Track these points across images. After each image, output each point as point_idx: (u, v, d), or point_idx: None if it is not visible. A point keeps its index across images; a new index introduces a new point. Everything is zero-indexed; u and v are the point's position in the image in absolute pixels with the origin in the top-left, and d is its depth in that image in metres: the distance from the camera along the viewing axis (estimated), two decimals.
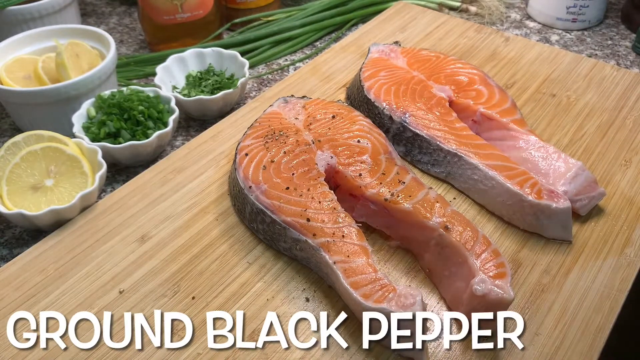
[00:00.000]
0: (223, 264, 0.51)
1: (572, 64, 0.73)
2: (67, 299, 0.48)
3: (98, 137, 0.62)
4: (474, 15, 0.88)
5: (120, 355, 0.44)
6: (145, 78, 0.79)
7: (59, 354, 0.45)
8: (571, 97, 0.68)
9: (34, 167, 0.56)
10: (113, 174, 0.64)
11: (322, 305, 0.47)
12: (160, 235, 0.54)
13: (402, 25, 0.81)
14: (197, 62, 0.74)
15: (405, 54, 0.68)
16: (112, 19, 0.93)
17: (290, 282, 0.49)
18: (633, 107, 0.66)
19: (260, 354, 0.44)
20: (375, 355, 0.44)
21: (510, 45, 0.77)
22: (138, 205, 0.57)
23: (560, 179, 0.53)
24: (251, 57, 0.79)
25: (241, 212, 0.54)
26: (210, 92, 0.70)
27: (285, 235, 0.49)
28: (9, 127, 0.72)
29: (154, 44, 0.83)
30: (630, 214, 0.54)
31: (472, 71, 0.64)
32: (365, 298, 0.43)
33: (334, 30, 0.87)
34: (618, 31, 0.85)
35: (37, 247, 0.53)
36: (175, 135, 0.69)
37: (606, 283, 0.48)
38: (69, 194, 0.56)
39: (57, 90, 0.63)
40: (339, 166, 0.53)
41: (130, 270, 0.51)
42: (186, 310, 0.47)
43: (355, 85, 0.65)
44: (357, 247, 0.46)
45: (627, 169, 0.59)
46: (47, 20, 0.79)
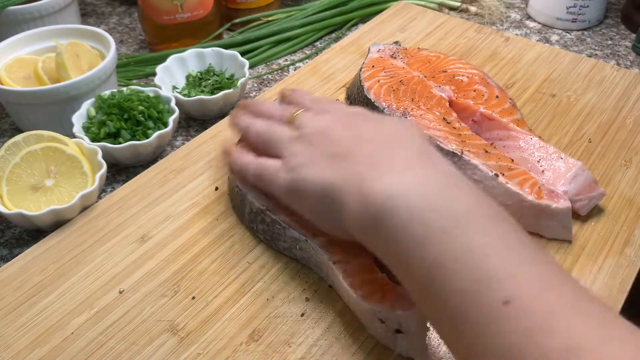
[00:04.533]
0: (223, 264, 0.51)
1: (572, 64, 0.73)
2: (67, 299, 0.48)
3: (98, 137, 0.62)
4: (474, 15, 0.88)
5: (120, 355, 0.44)
6: (145, 78, 0.79)
7: (60, 354, 0.45)
8: (571, 97, 0.68)
9: (34, 167, 0.56)
10: (113, 174, 0.64)
11: (322, 305, 0.47)
12: (160, 235, 0.54)
13: (402, 25, 0.81)
14: (197, 62, 0.74)
15: (405, 54, 0.68)
16: (112, 19, 0.93)
17: (290, 282, 0.49)
18: (633, 107, 0.66)
19: (260, 353, 0.44)
20: (376, 355, 0.44)
21: (510, 45, 0.77)
22: (138, 205, 0.57)
23: (560, 179, 0.53)
24: (251, 57, 0.80)
25: (241, 213, 0.54)
26: (210, 92, 0.70)
27: (285, 235, 0.49)
28: (9, 127, 0.72)
29: (154, 44, 0.83)
30: (630, 214, 0.54)
31: (472, 71, 0.64)
32: (366, 298, 0.43)
33: (334, 30, 0.87)
34: (618, 31, 0.85)
35: (37, 247, 0.53)
36: (175, 135, 0.69)
37: (606, 283, 0.48)
38: (69, 194, 0.56)
39: (57, 90, 0.63)
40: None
41: (130, 270, 0.51)
42: (186, 311, 0.47)
43: (355, 85, 0.65)
44: (357, 247, 0.46)
45: (627, 169, 0.59)
46: (47, 20, 0.79)
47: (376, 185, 0.39)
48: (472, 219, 0.36)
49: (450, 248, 0.35)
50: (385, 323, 0.42)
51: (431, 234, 0.36)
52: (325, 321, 0.46)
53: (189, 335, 0.45)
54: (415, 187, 0.38)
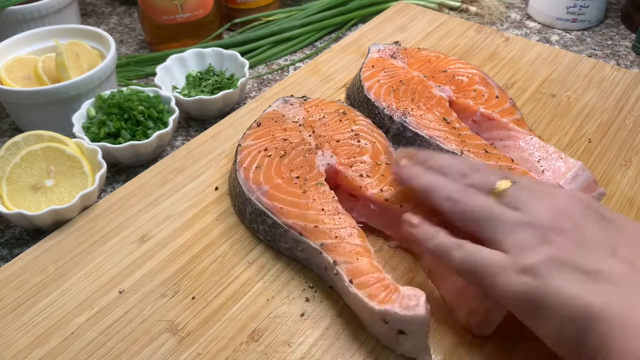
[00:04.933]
0: (223, 264, 0.51)
1: (572, 64, 0.73)
2: (67, 299, 0.48)
3: (98, 137, 0.62)
4: (474, 15, 0.88)
5: (120, 355, 0.44)
6: (145, 78, 0.79)
7: (60, 354, 0.45)
8: (571, 97, 0.68)
9: (34, 167, 0.56)
10: (113, 174, 0.64)
11: (322, 306, 0.47)
12: (160, 235, 0.54)
13: (402, 25, 0.81)
14: (197, 62, 0.74)
15: (405, 54, 0.68)
16: (112, 19, 0.93)
17: (290, 282, 0.49)
18: (633, 107, 0.66)
19: (260, 354, 0.44)
20: (376, 355, 0.44)
21: (510, 45, 0.77)
22: (138, 205, 0.57)
23: (560, 179, 0.53)
24: (251, 57, 0.80)
25: (241, 213, 0.54)
26: (210, 92, 0.70)
27: (286, 236, 0.49)
28: (9, 127, 0.72)
29: (154, 44, 0.83)
30: (630, 214, 0.54)
31: (472, 71, 0.64)
32: (369, 299, 0.43)
33: (334, 30, 0.87)
34: (618, 31, 0.85)
35: (37, 247, 0.53)
36: (175, 135, 0.69)
37: None
38: (69, 194, 0.56)
39: (57, 90, 0.63)
40: (339, 166, 0.53)
41: (130, 270, 0.51)
42: (186, 311, 0.47)
43: (355, 85, 0.65)
44: (359, 248, 0.46)
45: (627, 169, 0.59)
46: (47, 20, 0.79)
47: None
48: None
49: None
50: (389, 323, 0.42)
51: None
52: (325, 321, 0.46)
53: (189, 335, 0.45)
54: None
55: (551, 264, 0.34)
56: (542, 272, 0.34)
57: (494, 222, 0.38)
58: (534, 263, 0.35)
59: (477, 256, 0.37)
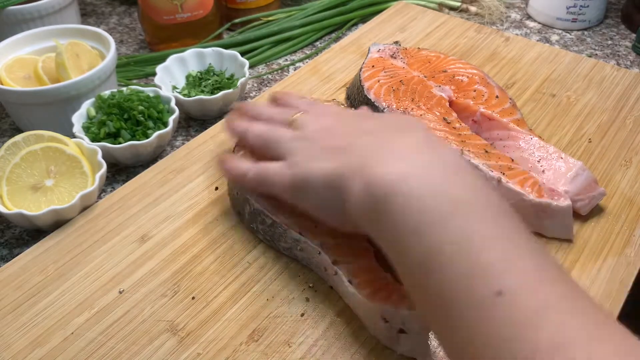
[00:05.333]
0: (223, 264, 0.51)
1: (572, 64, 0.73)
2: (67, 299, 0.48)
3: (98, 137, 0.62)
4: (474, 15, 0.88)
5: (120, 355, 0.44)
6: (145, 78, 0.79)
7: (60, 354, 0.45)
8: (571, 97, 0.68)
9: (34, 167, 0.56)
10: (113, 174, 0.64)
11: (322, 306, 0.47)
12: (160, 235, 0.54)
13: (402, 25, 0.81)
14: (197, 62, 0.74)
15: (405, 53, 0.68)
16: (112, 19, 0.93)
17: (290, 282, 0.49)
18: (633, 107, 0.66)
19: (260, 353, 0.44)
20: (376, 355, 0.44)
21: (510, 45, 0.77)
22: (138, 205, 0.57)
23: (560, 178, 0.53)
24: (251, 57, 0.79)
25: (241, 213, 0.54)
26: (210, 92, 0.70)
27: (285, 236, 0.49)
28: (9, 127, 0.72)
29: (154, 44, 0.83)
30: (631, 214, 0.54)
31: (472, 71, 0.64)
32: (370, 297, 0.43)
33: (334, 30, 0.87)
34: (618, 31, 0.85)
35: (37, 247, 0.53)
36: (175, 135, 0.69)
37: (606, 283, 0.48)
38: (69, 194, 0.56)
39: (57, 90, 0.63)
40: None
41: (130, 270, 0.51)
42: (186, 311, 0.47)
43: (355, 85, 0.65)
44: (359, 247, 0.46)
45: (627, 169, 0.59)
46: (47, 20, 0.79)
47: (378, 170, 0.38)
48: (472, 207, 0.36)
49: (447, 235, 0.34)
50: (389, 322, 0.42)
51: (429, 220, 0.35)
52: (325, 321, 0.46)
53: (189, 335, 0.45)
54: (416, 173, 0.37)
55: (309, 156, 0.45)
56: (302, 164, 0.45)
57: (278, 141, 0.48)
58: (298, 159, 0.45)
59: (263, 169, 0.48)
